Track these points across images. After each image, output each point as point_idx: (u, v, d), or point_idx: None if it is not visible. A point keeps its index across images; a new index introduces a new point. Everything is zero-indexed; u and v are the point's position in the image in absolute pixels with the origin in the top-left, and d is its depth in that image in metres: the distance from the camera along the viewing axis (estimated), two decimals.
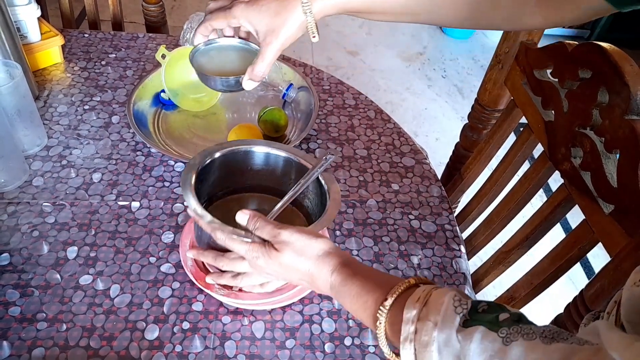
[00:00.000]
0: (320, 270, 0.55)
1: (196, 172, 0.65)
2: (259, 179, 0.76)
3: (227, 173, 0.74)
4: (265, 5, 0.60)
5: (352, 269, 0.54)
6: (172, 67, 0.96)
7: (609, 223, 0.65)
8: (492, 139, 0.93)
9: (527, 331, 0.39)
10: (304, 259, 0.55)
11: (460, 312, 0.43)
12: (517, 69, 0.84)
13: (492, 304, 0.44)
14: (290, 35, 0.61)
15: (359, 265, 0.55)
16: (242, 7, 0.61)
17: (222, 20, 0.63)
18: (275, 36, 0.61)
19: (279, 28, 0.60)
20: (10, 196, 0.80)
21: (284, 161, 0.73)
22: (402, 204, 0.87)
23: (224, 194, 0.76)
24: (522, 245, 0.83)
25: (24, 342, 0.64)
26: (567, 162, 0.73)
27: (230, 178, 0.75)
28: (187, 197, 0.61)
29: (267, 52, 0.62)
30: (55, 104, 0.98)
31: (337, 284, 0.54)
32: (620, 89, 0.61)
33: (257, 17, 0.60)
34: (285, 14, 0.59)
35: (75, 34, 1.16)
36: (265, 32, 0.61)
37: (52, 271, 0.71)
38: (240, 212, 0.59)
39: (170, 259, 0.74)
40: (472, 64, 2.69)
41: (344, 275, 0.54)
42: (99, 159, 0.88)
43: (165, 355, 0.64)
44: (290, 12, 0.59)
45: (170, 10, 2.75)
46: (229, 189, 0.76)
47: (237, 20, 0.62)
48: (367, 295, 0.51)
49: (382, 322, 0.49)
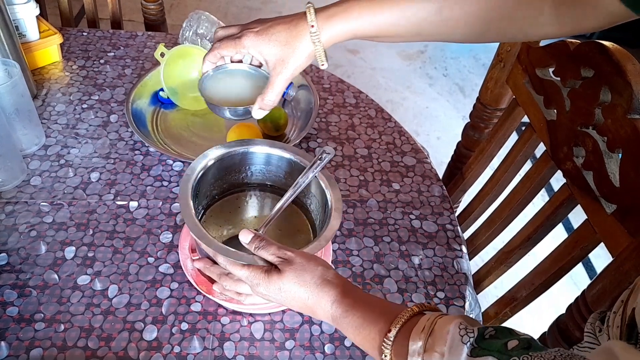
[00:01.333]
0: (320, 300, 0.54)
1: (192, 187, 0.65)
2: (258, 179, 0.76)
3: (226, 174, 0.73)
4: (274, 35, 0.60)
5: (352, 298, 0.53)
6: (170, 66, 0.95)
7: (611, 223, 0.64)
8: (493, 138, 0.93)
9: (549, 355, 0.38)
10: (304, 289, 0.54)
11: (467, 341, 0.42)
12: (519, 67, 0.83)
13: (499, 329, 0.43)
14: (300, 65, 0.62)
15: (359, 294, 0.54)
16: (251, 37, 0.61)
17: (232, 50, 0.63)
18: (284, 66, 0.61)
19: (288, 58, 0.61)
20: (8, 196, 0.80)
21: (283, 160, 0.72)
22: (403, 204, 0.86)
23: (223, 193, 0.76)
24: (524, 245, 0.83)
25: (22, 343, 0.63)
26: (569, 161, 0.72)
27: (230, 178, 0.74)
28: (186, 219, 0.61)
29: (276, 82, 0.62)
30: (54, 102, 0.97)
31: (338, 315, 0.53)
32: (622, 88, 0.60)
33: (267, 48, 0.60)
34: (294, 44, 0.60)
35: (74, 32, 1.16)
36: (275, 61, 0.61)
37: (49, 271, 0.71)
38: (244, 231, 0.59)
39: (168, 259, 0.74)
40: (474, 62, 2.68)
41: (344, 306, 0.53)
42: (97, 158, 0.88)
43: (164, 356, 0.64)
44: (300, 41, 0.60)
45: (169, 8, 2.75)
46: (229, 189, 0.76)
47: (246, 50, 0.62)
48: (370, 327, 0.50)
49: (387, 355, 0.48)
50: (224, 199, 0.76)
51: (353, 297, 0.54)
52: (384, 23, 0.59)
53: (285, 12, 2.89)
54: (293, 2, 2.98)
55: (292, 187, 0.66)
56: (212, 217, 0.75)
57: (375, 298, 0.55)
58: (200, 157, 0.68)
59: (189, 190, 0.64)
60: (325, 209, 0.67)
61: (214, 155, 0.69)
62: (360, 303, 0.53)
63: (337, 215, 0.64)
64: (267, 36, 0.60)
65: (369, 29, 0.60)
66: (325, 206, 0.67)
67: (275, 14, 2.87)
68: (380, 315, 0.51)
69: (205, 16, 1.03)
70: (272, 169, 0.74)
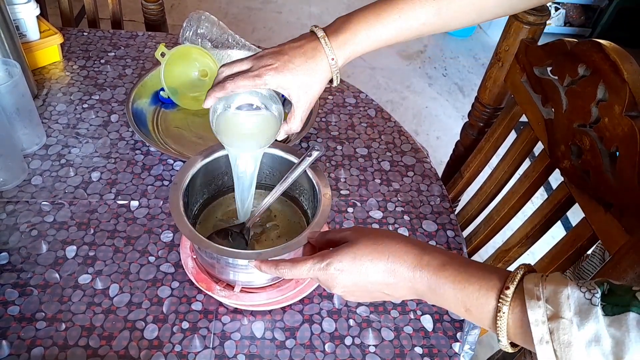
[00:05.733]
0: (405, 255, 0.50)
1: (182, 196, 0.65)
2: None
3: (213, 177, 0.74)
4: (295, 70, 0.60)
5: (443, 253, 0.50)
6: (171, 66, 0.95)
7: (608, 221, 0.64)
8: (492, 137, 0.93)
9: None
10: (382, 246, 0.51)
11: (597, 303, 0.40)
12: (517, 66, 0.84)
13: (609, 283, 0.42)
14: (319, 90, 0.63)
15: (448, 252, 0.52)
16: (272, 74, 0.60)
17: (250, 88, 0.61)
18: (308, 95, 0.62)
19: (310, 88, 0.62)
20: (9, 195, 0.80)
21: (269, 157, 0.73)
22: (402, 203, 0.87)
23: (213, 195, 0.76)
24: (523, 244, 0.83)
25: (23, 342, 0.64)
26: (566, 159, 0.72)
27: (217, 181, 0.75)
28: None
29: (299, 110, 0.63)
30: (54, 102, 0.98)
31: (432, 268, 0.49)
32: (619, 87, 0.60)
33: (289, 82, 0.61)
34: (315, 75, 0.61)
35: (74, 32, 1.16)
36: (298, 93, 0.62)
37: (51, 270, 0.71)
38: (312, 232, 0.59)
39: (169, 259, 0.74)
40: (473, 62, 2.68)
41: (441, 258, 0.50)
42: (98, 158, 0.88)
43: (165, 354, 0.64)
44: (319, 72, 0.61)
45: (169, 8, 2.75)
46: (218, 190, 0.76)
47: (267, 86, 0.61)
48: (481, 282, 0.47)
49: (504, 312, 0.45)
50: (215, 199, 0.77)
51: (444, 252, 0.50)
52: (388, 37, 0.63)
53: (285, 12, 2.90)
54: (293, 2, 2.99)
55: (279, 183, 0.67)
56: (206, 217, 0.75)
57: (466, 258, 0.51)
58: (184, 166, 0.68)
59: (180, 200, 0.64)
60: (315, 199, 0.68)
61: (197, 163, 0.69)
62: (456, 257, 0.49)
63: (326, 201, 0.65)
64: (289, 71, 0.60)
65: (376, 46, 0.63)
66: (314, 195, 0.68)
67: (275, 14, 2.87)
68: (487, 272, 0.47)
69: (206, 16, 1.04)
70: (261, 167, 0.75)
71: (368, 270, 0.51)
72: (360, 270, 0.52)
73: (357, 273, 0.52)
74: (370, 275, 0.52)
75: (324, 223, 0.63)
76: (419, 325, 0.70)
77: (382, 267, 0.51)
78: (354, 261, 0.51)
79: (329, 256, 0.53)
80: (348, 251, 0.52)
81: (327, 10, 2.94)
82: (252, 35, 2.67)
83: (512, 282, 0.45)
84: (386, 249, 0.51)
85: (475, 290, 0.47)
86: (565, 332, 0.41)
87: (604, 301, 0.41)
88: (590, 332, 0.40)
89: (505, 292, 0.45)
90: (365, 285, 0.53)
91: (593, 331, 0.40)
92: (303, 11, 2.93)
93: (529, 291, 0.44)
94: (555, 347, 0.41)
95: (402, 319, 0.70)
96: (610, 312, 0.40)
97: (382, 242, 0.52)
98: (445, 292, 0.49)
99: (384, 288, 0.52)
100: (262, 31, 2.73)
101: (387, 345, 0.67)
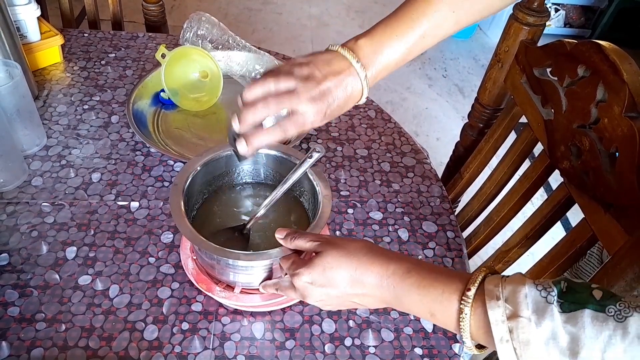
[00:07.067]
0: (371, 266, 0.52)
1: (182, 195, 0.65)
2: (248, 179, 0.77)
3: (214, 178, 0.74)
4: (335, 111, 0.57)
5: (408, 260, 0.52)
6: (171, 67, 0.96)
7: (607, 221, 0.64)
8: (492, 138, 0.93)
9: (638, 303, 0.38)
10: (350, 259, 0.52)
11: (553, 301, 0.41)
12: (516, 67, 0.84)
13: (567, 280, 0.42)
14: None
15: (413, 259, 0.53)
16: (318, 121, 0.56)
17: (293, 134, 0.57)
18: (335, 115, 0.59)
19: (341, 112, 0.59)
20: (9, 196, 0.80)
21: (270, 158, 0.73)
22: (402, 204, 0.87)
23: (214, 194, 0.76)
24: (523, 244, 0.83)
25: (23, 343, 0.64)
26: (566, 160, 0.73)
27: (218, 182, 0.75)
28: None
29: None
30: (55, 103, 0.98)
31: (398, 276, 0.50)
32: (619, 87, 0.60)
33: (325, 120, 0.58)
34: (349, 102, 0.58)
35: (75, 33, 1.16)
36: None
37: (51, 271, 0.71)
38: (278, 230, 0.60)
39: (169, 259, 0.74)
40: (473, 63, 2.69)
41: (406, 265, 0.51)
42: (98, 159, 0.88)
43: (165, 355, 0.64)
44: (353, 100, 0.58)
45: (170, 9, 2.75)
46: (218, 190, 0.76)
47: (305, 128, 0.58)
48: (443, 286, 0.48)
49: (467, 314, 0.46)
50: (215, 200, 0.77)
51: (409, 259, 0.51)
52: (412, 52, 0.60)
53: (285, 13, 2.91)
54: (293, 3, 2.99)
55: (280, 185, 0.67)
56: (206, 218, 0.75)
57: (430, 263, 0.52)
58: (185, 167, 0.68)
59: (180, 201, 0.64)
60: (316, 200, 0.68)
61: (198, 163, 0.69)
62: (421, 264, 0.50)
63: (327, 202, 0.65)
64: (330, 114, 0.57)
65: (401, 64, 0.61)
66: (315, 197, 0.68)
67: (275, 15, 2.87)
68: (450, 276, 0.49)
69: (206, 18, 1.04)
70: (260, 168, 0.75)
71: (337, 282, 0.53)
72: (331, 282, 0.53)
73: (328, 285, 0.54)
74: (340, 286, 0.53)
75: (324, 224, 0.63)
76: (419, 326, 0.70)
77: (350, 278, 0.53)
78: (323, 273, 0.53)
79: (299, 269, 0.55)
80: (318, 263, 0.54)
81: (327, 10, 2.94)
82: (252, 36, 2.67)
83: (473, 284, 0.47)
84: (354, 259, 0.53)
85: (439, 293, 0.49)
86: (524, 331, 0.42)
87: (561, 298, 0.41)
88: (547, 329, 0.41)
89: (467, 293, 0.46)
90: (336, 295, 0.54)
91: (550, 329, 0.41)
92: (303, 12, 2.93)
93: (490, 292, 0.45)
94: (515, 346, 0.42)
95: (402, 320, 0.70)
96: (567, 309, 0.41)
97: (349, 252, 0.53)
98: (411, 298, 0.50)
99: (354, 298, 0.54)
100: (262, 32, 2.73)
101: (387, 346, 0.67)
